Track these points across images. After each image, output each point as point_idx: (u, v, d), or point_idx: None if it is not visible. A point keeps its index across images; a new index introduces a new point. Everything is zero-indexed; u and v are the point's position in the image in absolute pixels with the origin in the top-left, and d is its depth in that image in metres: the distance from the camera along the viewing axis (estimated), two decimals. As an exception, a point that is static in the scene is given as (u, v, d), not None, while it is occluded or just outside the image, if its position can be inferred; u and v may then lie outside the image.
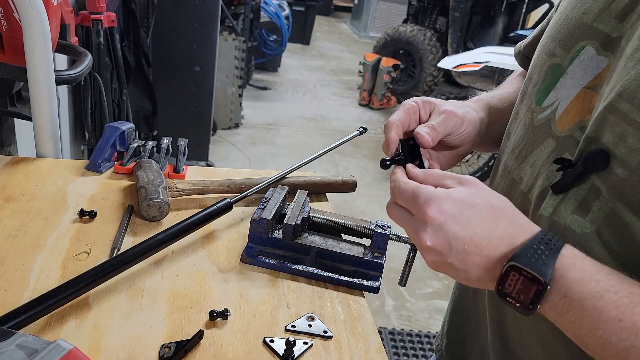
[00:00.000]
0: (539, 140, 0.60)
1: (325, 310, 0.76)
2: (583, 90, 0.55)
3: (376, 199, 3.57)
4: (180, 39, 3.02)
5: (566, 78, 0.58)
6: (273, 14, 5.08)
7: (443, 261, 0.52)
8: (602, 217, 0.51)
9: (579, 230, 0.53)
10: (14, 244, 0.81)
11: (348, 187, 1.09)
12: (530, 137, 0.62)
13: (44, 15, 1.01)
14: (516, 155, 0.64)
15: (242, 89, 4.22)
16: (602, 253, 0.52)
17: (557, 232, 0.55)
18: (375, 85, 5.32)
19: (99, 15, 2.02)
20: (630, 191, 0.48)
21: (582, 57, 0.56)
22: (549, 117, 0.59)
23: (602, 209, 0.51)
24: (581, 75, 0.56)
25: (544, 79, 0.62)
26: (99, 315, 0.69)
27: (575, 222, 0.53)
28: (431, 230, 0.52)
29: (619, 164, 0.49)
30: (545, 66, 0.62)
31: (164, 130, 2.96)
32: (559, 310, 0.48)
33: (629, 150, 0.48)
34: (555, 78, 0.60)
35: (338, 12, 10.73)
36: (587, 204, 0.52)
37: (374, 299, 2.52)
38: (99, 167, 1.05)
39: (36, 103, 1.08)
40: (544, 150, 0.59)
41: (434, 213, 0.52)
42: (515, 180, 0.63)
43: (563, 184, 0.54)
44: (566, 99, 0.57)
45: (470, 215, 0.51)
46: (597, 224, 0.52)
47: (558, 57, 0.60)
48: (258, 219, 0.83)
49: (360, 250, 0.84)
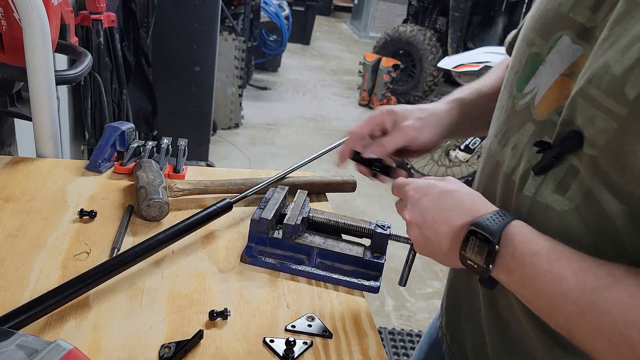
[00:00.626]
0: (520, 125, 0.64)
1: (325, 310, 0.76)
2: (560, 77, 0.58)
3: (376, 199, 3.57)
4: (180, 39, 3.02)
5: (545, 66, 0.61)
6: (273, 14, 5.08)
7: (420, 234, 0.62)
8: (580, 195, 0.55)
9: (559, 208, 0.57)
10: (14, 244, 0.81)
11: (348, 187, 1.09)
12: (512, 122, 0.66)
13: (44, 15, 1.01)
14: (499, 139, 0.68)
15: (242, 89, 4.22)
16: (580, 230, 0.55)
17: (539, 211, 0.59)
18: (375, 85, 5.32)
19: (99, 15, 2.02)
20: (601, 169, 0.52)
21: (559, 46, 0.60)
22: (529, 103, 0.63)
23: (580, 187, 0.55)
24: (558, 64, 0.59)
25: (524, 67, 0.65)
26: (99, 315, 0.69)
27: (555, 201, 0.57)
28: (410, 206, 0.64)
29: (589, 145, 0.53)
30: (526, 55, 0.65)
31: (164, 130, 2.96)
32: (507, 270, 0.55)
33: (597, 131, 0.51)
34: (535, 66, 0.63)
35: (338, 12, 10.73)
36: (566, 183, 0.56)
37: (374, 299, 2.52)
38: (99, 167, 1.05)
39: (36, 103, 1.08)
40: (524, 134, 0.63)
41: (411, 192, 0.64)
42: (499, 162, 0.67)
43: (543, 165, 0.58)
44: (545, 85, 0.61)
45: (442, 195, 0.63)
46: (576, 202, 0.55)
47: (537, 47, 0.63)
48: (258, 219, 0.83)
49: (360, 250, 0.84)
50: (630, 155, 0.48)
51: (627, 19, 0.51)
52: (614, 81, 0.50)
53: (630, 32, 0.50)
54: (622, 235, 0.52)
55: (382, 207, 3.48)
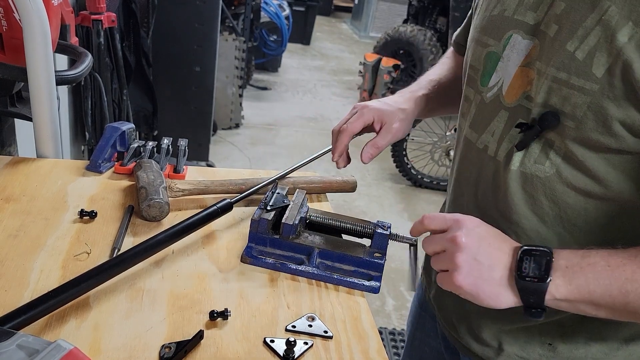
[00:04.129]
0: (493, 113, 0.74)
1: (326, 311, 0.76)
2: (520, 68, 0.69)
3: (376, 199, 3.57)
4: (181, 39, 3.02)
5: (504, 61, 0.72)
6: (273, 14, 5.08)
7: (473, 260, 0.63)
8: (559, 160, 0.66)
9: (542, 175, 0.68)
10: (14, 244, 0.81)
11: (348, 187, 1.09)
12: (484, 112, 0.75)
13: (44, 16, 1.01)
14: (475, 129, 0.77)
15: (243, 89, 4.22)
16: (563, 189, 0.67)
17: (527, 180, 0.69)
18: (376, 85, 5.32)
19: (99, 16, 2.02)
20: (580, 135, 0.63)
21: (512, 44, 0.71)
22: (497, 93, 0.73)
23: (557, 154, 0.66)
24: (515, 57, 0.70)
25: (484, 65, 0.76)
26: (99, 315, 0.69)
27: (539, 169, 0.68)
28: (465, 232, 0.64)
29: (568, 119, 0.63)
30: (483, 55, 0.76)
31: (164, 131, 2.96)
32: (568, 278, 0.59)
33: (573, 106, 0.62)
34: (494, 63, 0.74)
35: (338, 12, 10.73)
36: (545, 153, 0.67)
37: (374, 299, 2.52)
38: (99, 167, 1.05)
39: (36, 103, 1.08)
40: (500, 120, 0.73)
41: (467, 220, 0.65)
42: (480, 149, 0.76)
43: (525, 142, 0.68)
44: (508, 77, 0.71)
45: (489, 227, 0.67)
46: (556, 167, 0.67)
47: (491, 47, 0.75)
48: (258, 219, 0.83)
49: (360, 251, 0.84)
50: (607, 119, 0.60)
51: (573, 13, 0.63)
52: (579, 65, 0.61)
53: (584, 25, 0.61)
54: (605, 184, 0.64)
55: (383, 207, 3.48)
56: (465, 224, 0.65)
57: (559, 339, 0.74)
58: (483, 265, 0.62)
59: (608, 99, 0.60)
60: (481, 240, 0.63)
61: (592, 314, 0.61)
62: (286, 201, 0.88)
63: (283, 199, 0.89)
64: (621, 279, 0.57)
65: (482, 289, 0.62)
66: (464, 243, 0.63)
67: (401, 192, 3.71)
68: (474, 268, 0.62)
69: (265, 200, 0.87)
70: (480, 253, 0.63)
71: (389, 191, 3.70)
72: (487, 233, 0.65)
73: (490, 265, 0.62)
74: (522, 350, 0.76)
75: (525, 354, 0.76)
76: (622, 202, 0.64)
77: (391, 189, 3.74)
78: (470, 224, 0.65)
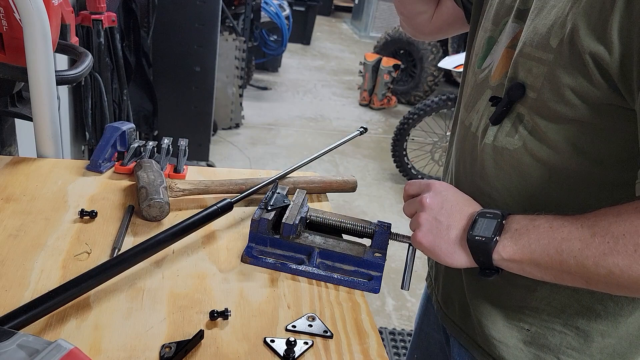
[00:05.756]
0: (480, 92, 0.78)
1: (326, 310, 0.76)
2: (506, 50, 0.73)
3: (376, 199, 3.57)
4: (181, 39, 3.02)
5: (497, 45, 0.76)
6: (273, 14, 5.08)
7: (433, 219, 0.69)
8: (526, 133, 0.69)
9: (512, 147, 0.71)
10: (15, 244, 0.81)
11: (348, 187, 1.09)
12: (475, 92, 0.79)
13: (45, 16, 1.01)
14: (466, 107, 0.81)
15: (243, 89, 4.22)
16: (529, 161, 0.69)
17: (498, 153, 0.72)
18: (376, 85, 5.32)
19: (100, 15, 2.02)
20: (541, 107, 0.66)
21: (506, 29, 0.75)
22: (487, 75, 0.77)
23: (525, 127, 0.69)
24: (504, 40, 0.74)
25: (482, 48, 0.80)
26: (99, 315, 0.69)
27: (509, 142, 0.71)
28: (432, 194, 0.71)
29: (530, 89, 0.67)
30: (483, 39, 0.80)
31: (165, 130, 2.96)
32: (514, 239, 0.63)
33: (534, 77, 0.66)
34: (490, 47, 0.78)
35: (338, 12, 10.72)
36: (515, 127, 0.70)
37: (374, 299, 2.52)
38: (99, 167, 1.06)
39: (37, 103, 1.08)
40: (484, 98, 0.76)
41: (437, 185, 0.73)
42: (466, 125, 0.80)
43: (497, 115, 0.71)
44: (497, 59, 0.75)
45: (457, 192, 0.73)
46: (523, 139, 0.69)
47: (490, 31, 0.78)
48: (258, 219, 0.83)
49: (360, 250, 0.84)
50: (561, 87, 0.63)
51: None
52: (540, 38, 0.65)
53: (549, 3, 0.66)
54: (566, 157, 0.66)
55: (383, 207, 3.48)
56: (434, 187, 0.72)
57: (536, 325, 0.75)
58: (442, 225, 0.68)
59: (560, 67, 0.63)
60: (445, 202, 0.70)
61: (539, 276, 0.64)
62: (286, 201, 0.88)
63: (283, 199, 0.89)
64: (558, 239, 0.60)
65: (439, 247, 0.68)
66: (427, 204, 0.70)
67: (401, 192, 3.68)
68: (433, 227, 0.69)
69: (266, 200, 0.87)
70: (442, 213, 0.69)
71: (389, 191, 3.70)
72: (452, 196, 0.71)
73: (449, 225, 0.68)
74: (499, 334, 0.78)
75: (503, 337, 0.78)
76: (582, 177, 0.67)
77: (391, 189, 3.74)
78: (439, 187, 0.72)
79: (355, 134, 1.12)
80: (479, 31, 0.83)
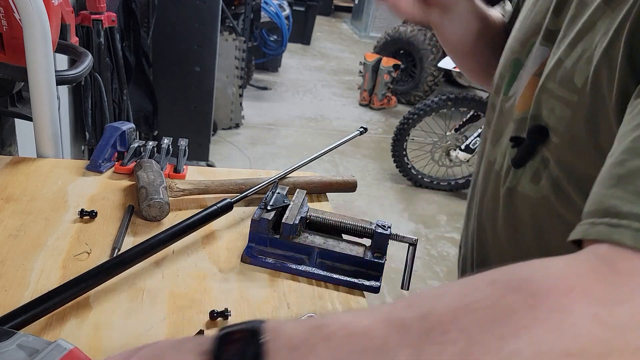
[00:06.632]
0: (505, 125, 0.69)
1: (326, 311, 0.76)
2: (532, 77, 0.64)
3: (376, 199, 3.57)
4: (181, 39, 3.02)
5: (524, 70, 0.67)
6: (273, 14, 5.08)
7: None
8: (548, 185, 0.60)
9: (533, 195, 0.62)
10: (15, 244, 0.81)
11: (348, 187, 1.09)
12: (500, 123, 0.71)
13: (45, 16, 1.01)
14: (491, 140, 0.73)
15: (243, 89, 4.22)
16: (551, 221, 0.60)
17: (518, 200, 0.64)
18: (376, 85, 5.32)
19: (100, 15, 2.02)
20: (564, 157, 0.56)
21: (533, 51, 0.66)
22: (512, 104, 0.68)
23: (549, 176, 0.60)
24: (531, 65, 0.65)
25: (509, 72, 0.71)
26: (99, 315, 0.69)
27: (531, 189, 0.62)
28: None
29: (553, 133, 0.58)
30: (509, 61, 0.71)
31: (165, 130, 2.96)
32: None
33: (557, 119, 0.57)
34: (516, 71, 0.69)
35: (338, 12, 10.72)
36: (539, 173, 0.61)
37: (374, 299, 2.51)
38: (99, 167, 1.05)
39: (36, 103, 1.08)
40: (508, 133, 0.68)
41: None
42: (491, 161, 0.72)
43: (519, 158, 0.63)
44: (522, 87, 0.66)
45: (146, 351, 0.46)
46: (545, 191, 0.60)
47: (517, 53, 0.70)
48: (258, 219, 0.83)
49: (360, 250, 0.84)
50: (581, 138, 0.53)
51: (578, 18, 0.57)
52: (565, 73, 0.56)
53: (579, 30, 0.55)
54: None
55: (383, 207, 3.48)
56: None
57: None
58: None
59: (585, 112, 0.53)
60: None
61: None
62: (286, 201, 0.88)
63: (283, 199, 0.89)
64: None
65: None
66: None
67: (401, 192, 3.71)
68: None
69: (265, 200, 0.87)
70: None
71: (389, 191, 3.70)
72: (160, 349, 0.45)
73: None
74: None
75: None
76: None
77: (391, 189, 3.74)
78: None
79: (355, 134, 1.12)
80: (505, 49, 0.74)
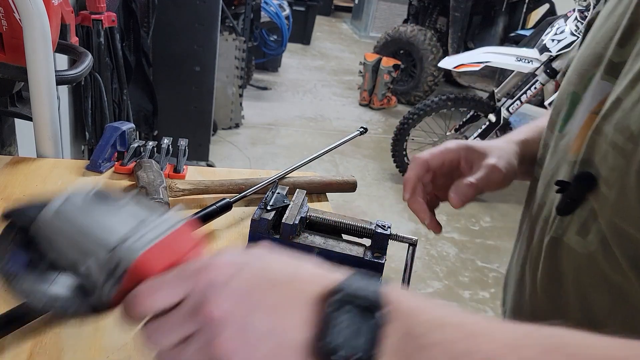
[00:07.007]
0: (559, 166, 0.61)
1: (326, 310, 0.76)
2: (590, 115, 0.55)
3: (376, 199, 3.57)
4: (181, 39, 3.02)
5: (581, 105, 0.59)
6: (273, 14, 5.08)
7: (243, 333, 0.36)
8: (597, 241, 0.51)
9: (580, 250, 0.54)
10: (15, 244, 0.81)
11: (348, 187, 1.09)
12: (554, 162, 0.63)
13: (44, 16, 1.01)
14: (545, 181, 0.65)
15: (243, 89, 4.22)
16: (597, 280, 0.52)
17: (564, 253, 0.56)
18: (376, 85, 5.32)
19: (100, 15, 2.02)
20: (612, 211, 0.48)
21: (592, 84, 0.57)
22: (567, 143, 0.60)
23: (598, 232, 0.51)
24: (589, 101, 0.57)
25: (566, 107, 0.63)
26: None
27: (578, 242, 0.54)
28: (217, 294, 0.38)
29: (603, 183, 0.50)
30: (566, 95, 0.63)
31: (165, 130, 2.96)
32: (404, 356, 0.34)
33: (610, 169, 0.49)
34: (574, 106, 0.61)
35: (338, 12, 10.73)
36: (587, 226, 0.53)
37: (374, 299, 2.51)
38: (99, 167, 1.05)
39: (36, 103, 1.08)
40: (561, 176, 0.59)
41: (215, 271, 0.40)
42: (541, 205, 0.64)
43: (564, 206, 0.55)
44: (578, 125, 0.58)
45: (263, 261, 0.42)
46: (593, 247, 0.52)
47: (575, 85, 0.61)
48: (258, 219, 0.83)
49: (360, 251, 0.84)
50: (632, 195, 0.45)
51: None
52: (622, 115, 0.48)
53: None
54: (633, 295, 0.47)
55: (383, 207, 3.48)
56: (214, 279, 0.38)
57: None
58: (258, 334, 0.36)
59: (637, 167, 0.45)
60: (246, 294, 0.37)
61: None
62: (286, 201, 0.88)
63: (283, 199, 0.89)
64: None
65: None
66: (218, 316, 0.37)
67: (401, 192, 3.68)
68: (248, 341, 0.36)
69: (265, 200, 0.87)
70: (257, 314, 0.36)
71: (389, 191, 3.70)
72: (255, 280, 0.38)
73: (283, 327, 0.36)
74: None
75: None
76: None
77: (391, 189, 3.74)
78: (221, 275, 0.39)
79: (355, 134, 1.12)
80: (563, 82, 0.66)
